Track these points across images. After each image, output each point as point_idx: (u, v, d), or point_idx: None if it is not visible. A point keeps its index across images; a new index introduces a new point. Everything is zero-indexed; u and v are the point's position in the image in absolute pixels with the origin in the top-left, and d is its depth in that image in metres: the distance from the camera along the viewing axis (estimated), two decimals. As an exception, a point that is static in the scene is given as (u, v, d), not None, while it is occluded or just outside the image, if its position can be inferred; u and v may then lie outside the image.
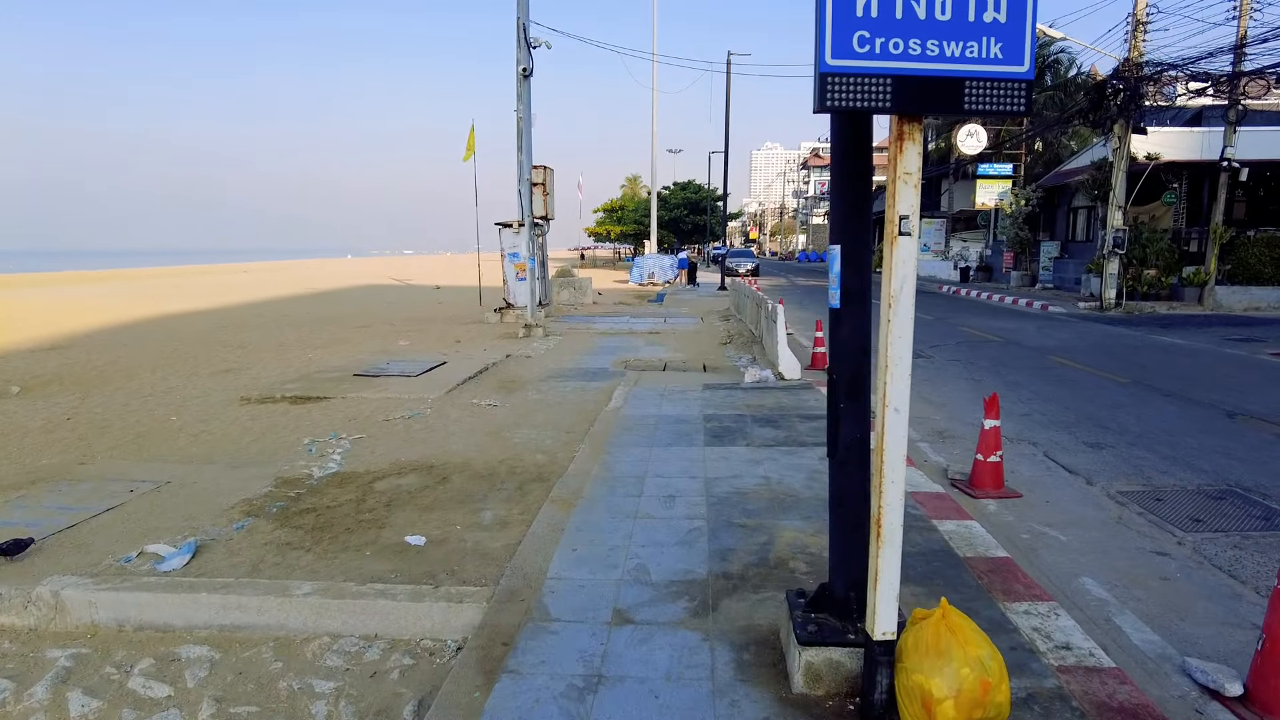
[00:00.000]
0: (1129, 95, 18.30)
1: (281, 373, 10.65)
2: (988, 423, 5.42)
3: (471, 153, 18.30)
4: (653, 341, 13.85)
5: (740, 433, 6.49)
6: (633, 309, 20.75)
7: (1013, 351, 12.50)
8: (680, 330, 15.54)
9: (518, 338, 14.26)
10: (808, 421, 6.89)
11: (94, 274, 48.11)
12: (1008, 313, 19.90)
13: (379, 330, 15.89)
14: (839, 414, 2.72)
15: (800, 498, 4.82)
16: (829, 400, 2.83)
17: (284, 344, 13.84)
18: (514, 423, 7.48)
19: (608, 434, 6.56)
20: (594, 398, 8.63)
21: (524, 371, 10.51)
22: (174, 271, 52.44)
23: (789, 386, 8.65)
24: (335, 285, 34.35)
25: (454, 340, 14.04)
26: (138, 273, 50.36)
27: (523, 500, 5.14)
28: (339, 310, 21.01)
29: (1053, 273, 25.77)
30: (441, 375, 9.90)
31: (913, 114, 2.22)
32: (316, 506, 5.15)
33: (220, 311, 20.55)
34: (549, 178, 14.01)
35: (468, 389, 9.21)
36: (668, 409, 7.52)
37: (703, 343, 13.68)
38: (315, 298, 26.37)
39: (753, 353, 12.03)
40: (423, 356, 11.55)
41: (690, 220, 60.85)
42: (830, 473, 2.87)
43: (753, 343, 13.08)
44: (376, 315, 19.48)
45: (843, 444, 2.73)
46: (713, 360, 11.53)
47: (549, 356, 11.99)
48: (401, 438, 6.96)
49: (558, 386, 9.39)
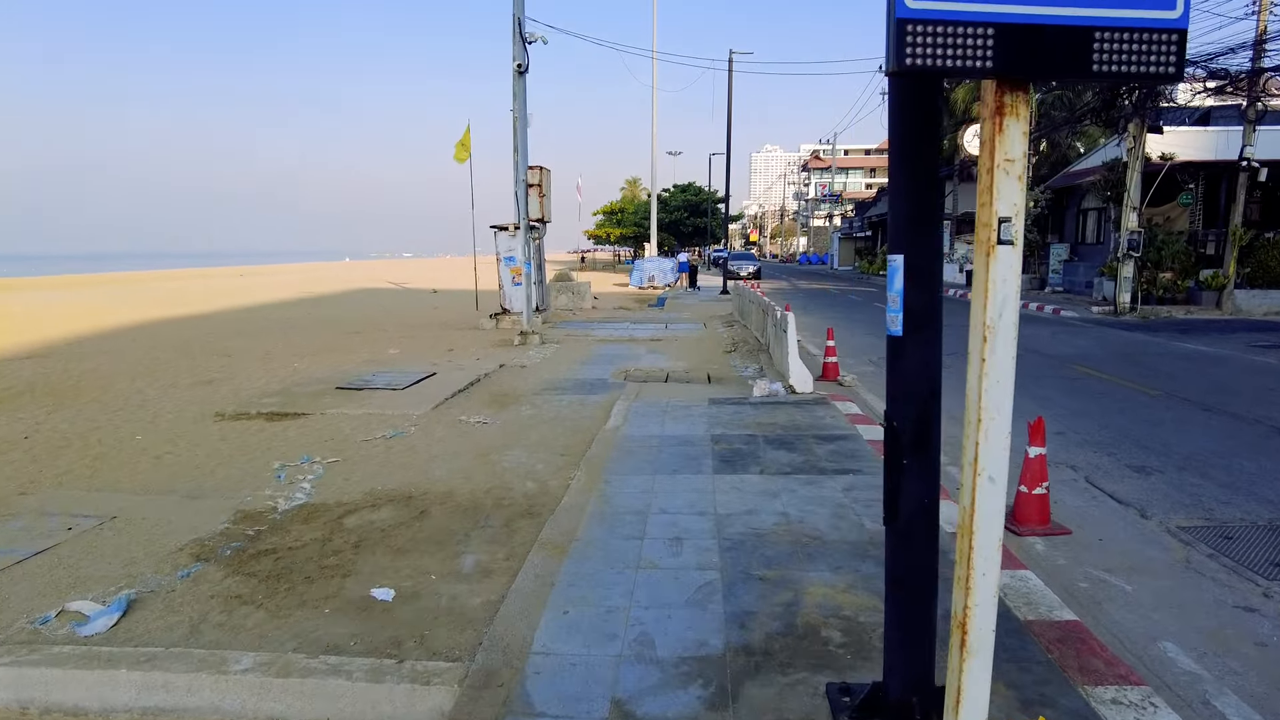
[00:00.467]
0: (1145, 93, 17.71)
1: (264, 384, 10.07)
2: (1033, 450, 4.83)
3: (467, 154, 17.72)
4: (654, 350, 13.25)
5: (752, 457, 5.89)
6: (633, 314, 20.16)
7: (1032, 361, 11.90)
8: (682, 337, 14.95)
9: (513, 345, 13.67)
10: (825, 443, 6.28)
11: (92, 278, 47.49)
12: (1020, 318, 19.29)
13: (370, 337, 15.30)
14: (901, 471, 2.13)
15: (825, 541, 4.22)
16: (886, 454, 2.23)
17: (270, 352, 13.24)
18: (504, 443, 6.87)
19: (606, 458, 5.96)
20: (592, 413, 8.03)
21: (518, 383, 9.91)
22: (172, 275, 51.84)
23: (801, 401, 8.05)
24: (331, 289, 33.77)
25: (446, 348, 13.44)
26: (135, 276, 49.79)
27: (509, 541, 4.54)
28: (332, 316, 20.43)
29: (1062, 276, 25.17)
30: (430, 388, 9.30)
31: (1019, 79, 1.62)
32: (276, 548, 4.55)
33: (212, 317, 19.96)
34: (545, 179, 13.43)
35: (457, 403, 8.61)
36: (671, 428, 6.92)
37: (706, 351, 13.09)
38: (310, 302, 25.80)
39: (759, 362, 11.43)
40: (412, 367, 10.95)
41: (690, 223, 60.29)
42: (887, 544, 2.27)
43: (759, 351, 12.48)
44: (370, 321, 18.90)
45: (905, 510, 2.13)
46: (718, 370, 10.94)
47: (545, 366, 11.39)
48: (380, 462, 6.35)
49: (553, 400, 8.79)
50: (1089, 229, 25.14)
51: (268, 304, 24.96)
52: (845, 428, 6.82)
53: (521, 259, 13.82)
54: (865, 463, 5.69)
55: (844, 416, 7.30)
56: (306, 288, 34.80)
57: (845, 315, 19.84)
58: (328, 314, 20.92)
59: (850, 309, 21.92)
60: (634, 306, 23.13)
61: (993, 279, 1.70)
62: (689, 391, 9.03)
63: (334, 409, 8.26)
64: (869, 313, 20.57)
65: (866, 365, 11.44)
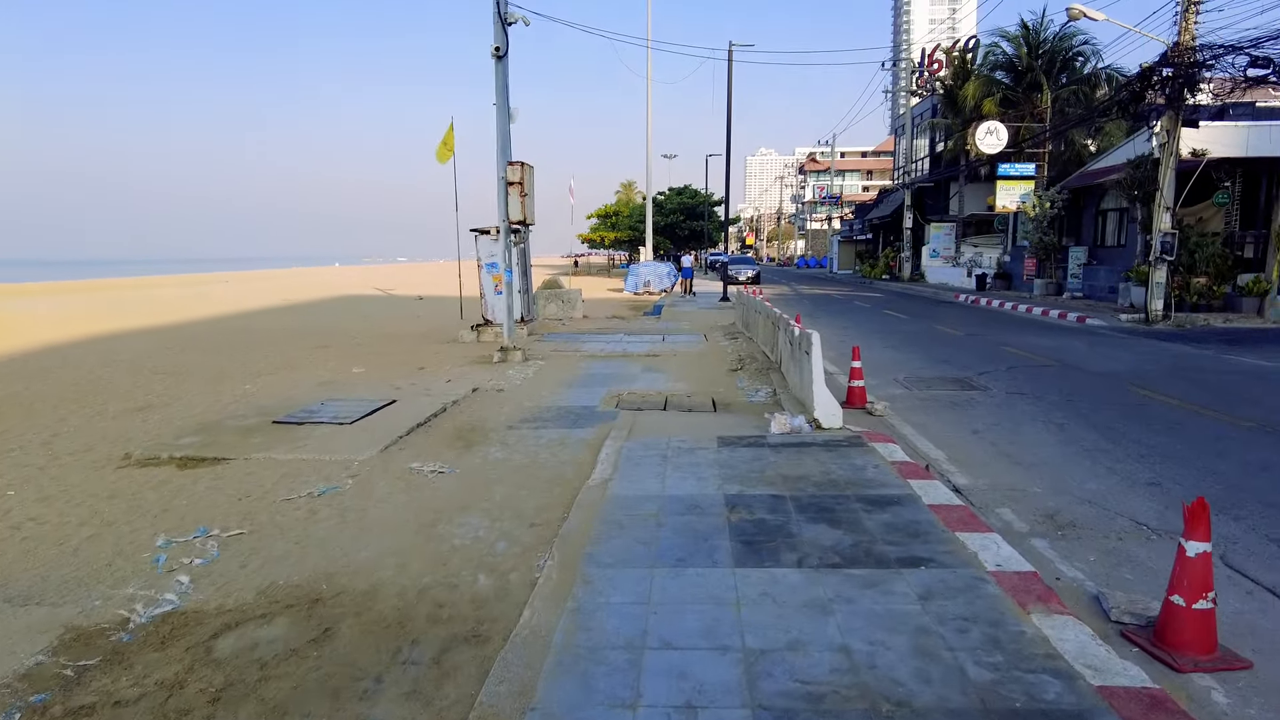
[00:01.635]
0: (1180, 83, 16.35)
1: (201, 412, 8.68)
2: (1192, 546, 3.38)
3: (450, 153, 16.31)
4: (650, 367, 11.80)
5: (784, 535, 4.43)
6: (627, 324, 18.71)
7: (1078, 380, 10.48)
8: (682, 352, 13.50)
9: (492, 363, 12.20)
10: (876, 510, 4.83)
11: (81, 284, 46.03)
12: (1044, 327, 17.90)
13: (337, 352, 13.84)
14: None
15: (916, 708, 2.76)
16: None
17: (224, 371, 11.79)
18: (460, 504, 5.41)
19: (587, 535, 4.50)
20: (575, 456, 6.57)
21: (490, 413, 8.45)
22: (159, 282, 50.26)
23: (832, 442, 6.60)
24: (314, 296, 32.29)
25: (418, 366, 11.98)
26: (123, 283, 48.38)
27: (437, 692, 3.07)
28: (306, 326, 18.95)
29: (1082, 281, 23.80)
30: (384, 422, 7.83)
31: None
32: (98, 703, 3.09)
33: (182, 328, 18.48)
34: (527, 176, 11.99)
35: (413, 443, 7.14)
36: (674, 483, 5.47)
37: (709, 368, 11.64)
38: (287, 311, 24.30)
39: (770, 383, 9.99)
40: (371, 392, 9.48)
41: (687, 226, 58.94)
42: None
43: (769, 370, 11.03)
44: (343, 332, 17.45)
45: None
46: (724, 394, 9.49)
47: (526, 389, 9.93)
48: (296, 535, 4.89)
49: (530, 437, 7.33)
50: (1109, 231, 23.78)
51: (245, 312, 23.49)
52: (895, 483, 5.38)
53: (503, 265, 12.37)
54: (936, 545, 4.24)
55: (889, 466, 5.85)
56: (288, 295, 33.31)
57: (855, 324, 18.43)
58: (302, 324, 19.44)
59: (859, 317, 20.51)
60: (628, 315, 21.69)
61: None
62: (692, 424, 7.58)
63: (263, 452, 6.79)
64: (881, 321, 19.16)
65: (894, 387, 10.01)
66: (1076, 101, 26.61)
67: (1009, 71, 28.98)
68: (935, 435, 7.43)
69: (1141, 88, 17.48)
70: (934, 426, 7.81)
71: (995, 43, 28.81)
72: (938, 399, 9.26)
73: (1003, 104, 27.86)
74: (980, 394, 9.50)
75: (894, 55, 52.08)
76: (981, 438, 7.34)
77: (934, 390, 9.82)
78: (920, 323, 18.74)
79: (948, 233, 39.13)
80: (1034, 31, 27.95)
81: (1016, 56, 28.40)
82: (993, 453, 6.82)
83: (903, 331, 16.64)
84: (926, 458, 6.59)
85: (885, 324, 18.42)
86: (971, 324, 18.38)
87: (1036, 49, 27.78)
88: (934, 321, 19.05)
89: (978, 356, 12.74)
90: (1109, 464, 6.42)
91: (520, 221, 11.86)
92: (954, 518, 4.70)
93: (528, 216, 11.90)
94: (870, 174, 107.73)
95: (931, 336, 15.73)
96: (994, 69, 29.40)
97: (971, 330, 16.80)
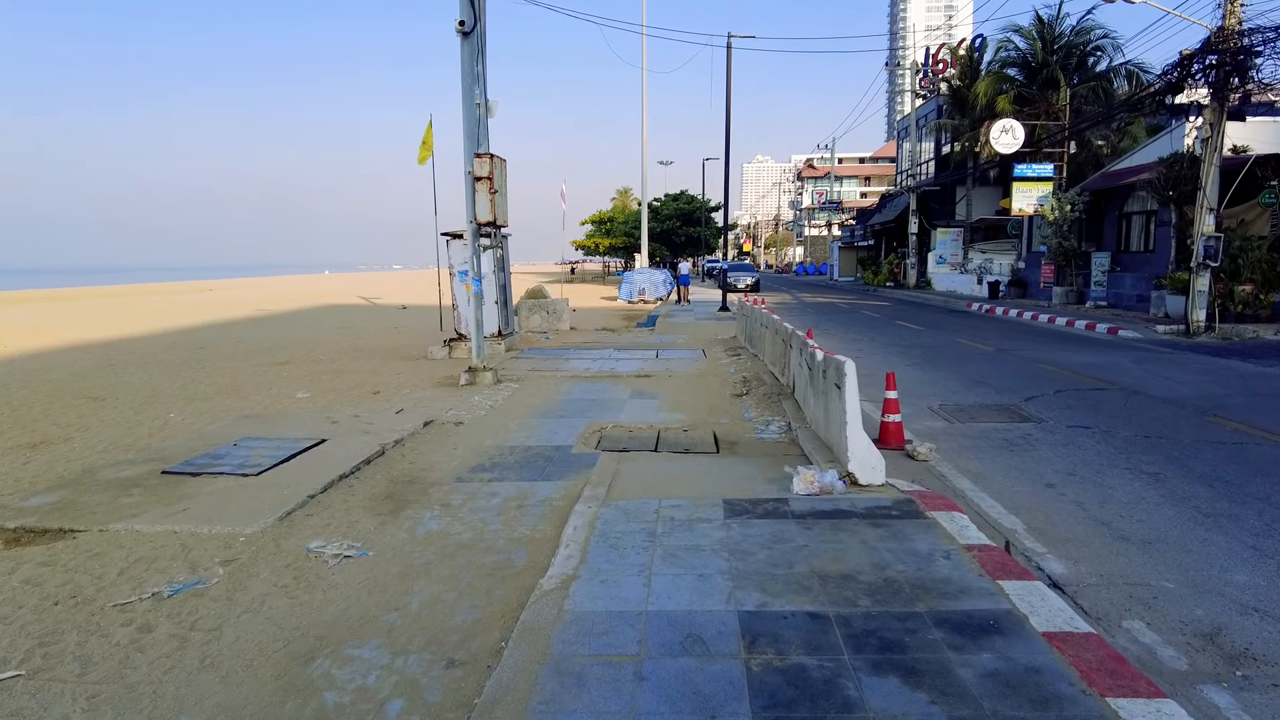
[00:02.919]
0: (1227, 71, 14.83)
1: (103, 450, 7.25)
2: None
3: (429, 153, 14.75)
4: (641, 391, 10.19)
5: (836, 705, 2.80)
6: (618, 337, 17.08)
7: (1145, 408, 8.89)
8: (678, 372, 11.88)
9: (458, 385, 10.58)
10: (969, 644, 3.20)
11: (64, 292, 44.44)
12: (1076, 340, 16.32)
13: (295, 370, 12.24)
14: None
15: None
16: None
17: (157, 394, 10.20)
18: (360, 617, 3.78)
19: (525, 704, 2.86)
20: (533, 530, 4.95)
21: (440, 457, 6.82)
22: (141, 290, 48.57)
23: (877, 509, 4.97)
24: (294, 306, 30.66)
25: (372, 390, 10.37)
26: (100, 291, 46.76)
27: None
28: (272, 339, 17.31)
29: (1106, 288, 22.24)
30: (297, 473, 6.19)
31: None
32: None
33: (133, 341, 16.83)
34: (499, 171, 10.39)
35: (327, 505, 5.51)
36: (664, 587, 3.85)
37: (709, 393, 10.03)
38: (259, 322, 22.65)
39: (782, 413, 8.37)
40: (293, 433, 7.83)
41: (683, 232, 57.46)
42: None
43: (780, 396, 9.41)
44: (310, 346, 15.84)
45: None
46: (728, 427, 7.87)
47: (490, 421, 8.31)
48: (96, 680, 3.25)
49: (480, 495, 5.70)
50: (1133, 235, 22.25)
51: (216, 323, 21.86)
52: (980, 586, 3.76)
53: (471, 272, 10.76)
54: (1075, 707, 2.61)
55: (963, 552, 4.22)
56: (269, 304, 31.70)
57: (868, 336, 16.82)
58: (270, 337, 17.80)
59: (870, 328, 18.91)
60: (620, 326, 20.08)
61: None
62: (690, 476, 5.96)
63: (126, 520, 5.16)
64: (896, 333, 17.56)
65: (930, 418, 8.40)
66: (1095, 99, 25.11)
67: (1022, 68, 27.51)
68: (1001, 491, 5.81)
69: (1180, 77, 15.95)
70: (995, 477, 6.19)
71: (1007, 38, 27.35)
72: (987, 435, 7.65)
73: (1016, 102, 26.37)
74: (1036, 428, 7.90)
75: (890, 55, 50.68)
76: (1061, 495, 5.73)
77: (980, 422, 8.21)
78: (939, 335, 17.15)
79: (955, 238, 37.63)
80: (1049, 25, 26.49)
81: (1030, 53, 26.92)
82: (1083, 519, 5.21)
83: (923, 345, 15.04)
84: (998, 527, 4.97)
85: (901, 337, 16.82)
86: (996, 336, 16.79)
87: (1051, 44, 26.30)
88: (953, 333, 17.46)
89: (1017, 377, 11.14)
90: (1249, 539, 4.82)
91: (491, 223, 10.26)
92: (1090, 658, 3.08)
93: (498, 216, 10.30)
94: (868, 180, 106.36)
95: (957, 352, 14.13)
96: (1005, 65, 27.91)
97: (1000, 344, 15.20)
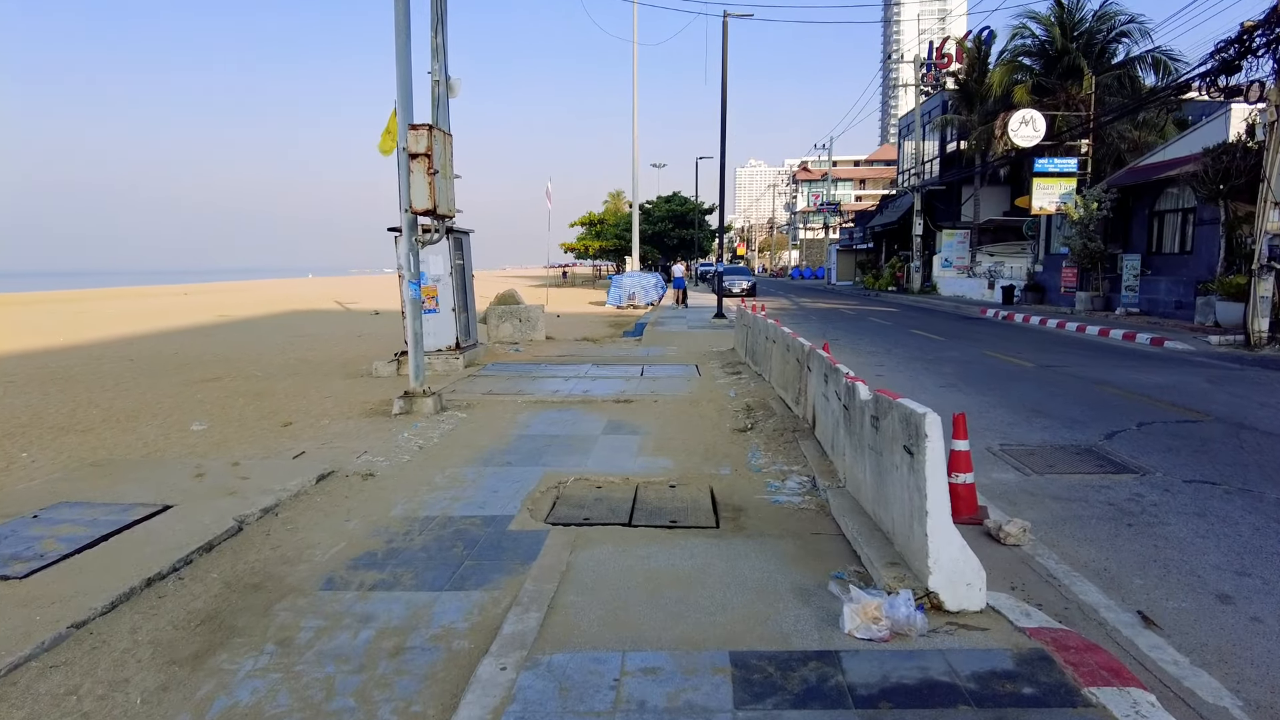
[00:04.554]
0: (1299, 44, 12.89)
1: None
2: None
3: (394, 143, 12.71)
4: (617, 423, 8.11)
5: None
6: (599, 348, 15.00)
7: (1271, 450, 6.86)
8: (666, 395, 9.81)
9: (391, 414, 8.51)
10: None
11: (33, 296, 42.10)
12: (1119, 353, 14.33)
13: (214, 390, 10.22)
14: None
15: None
16: None
17: (34, 421, 8.24)
18: None
19: None
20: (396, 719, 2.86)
21: (318, 536, 4.72)
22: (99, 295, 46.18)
23: (993, 677, 2.91)
24: (260, 311, 28.53)
25: (285, 420, 8.31)
26: (66, 295, 44.44)
27: None
28: (214, 350, 15.21)
29: (1139, 294, 20.28)
30: (93, 570, 4.08)
31: None
32: None
33: (63, 351, 14.75)
34: (441, 146, 8.32)
35: (98, 644, 3.40)
36: None
37: (704, 426, 7.96)
38: (213, 330, 20.48)
39: (802, 461, 6.31)
40: (134, 495, 5.72)
41: (676, 234, 55.50)
42: None
43: (795, 433, 7.32)
44: (254, 357, 13.83)
45: None
46: (730, 481, 5.80)
47: (410, 473, 6.21)
48: None
49: (347, 620, 3.61)
50: (1167, 235, 20.32)
51: (166, 331, 19.76)
52: None
53: (407, 274, 8.67)
54: None
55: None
56: (234, 309, 29.58)
57: (883, 347, 14.79)
58: (211, 348, 15.67)
59: (883, 338, 16.88)
60: (604, 335, 18.00)
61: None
62: (679, 579, 3.89)
63: None
64: (915, 344, 15.53)
65: (995, 466, 6.34)
66: (1121, 89, 23.21)
67: (1039, 57, 25.60)
68: (1161, 612, 3.75)
69: (1239, 54, 14.01)
70: (1131, 579, 4.14)
71: (1023, 24, 25.44)
72: (1083, 496, 5.60)
73: (1034, 92, 24.45)
74: (1142, 483, 5.85)
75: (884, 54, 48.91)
76: (1259, 624, 3.67)
77: (1062, 472, 6.17)
78: (964, 346, 15.12)
79: (961, 240, 35.75)
80: (1068, 11, 24.59)
81: (1049, 40, 25.03)
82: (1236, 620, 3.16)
83: (950, 360, 13.01)
84: (1182, 697, 2.92)
85: (922, 349, 14.79)
86: (1029, 349, 14.78)
87: (1071, 30, 24.41)
88: (979, 344, 15.45)
89: (1079, 404, 9.11)
90: None
91: (431, 211, 8.19)
92: None
93: (440, 203, 8.23)
94: (863, 183, 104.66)
95: (992, 369, 12.10)
96: (1020, 54, 26.01)
97: (1038, 359, 13.19)
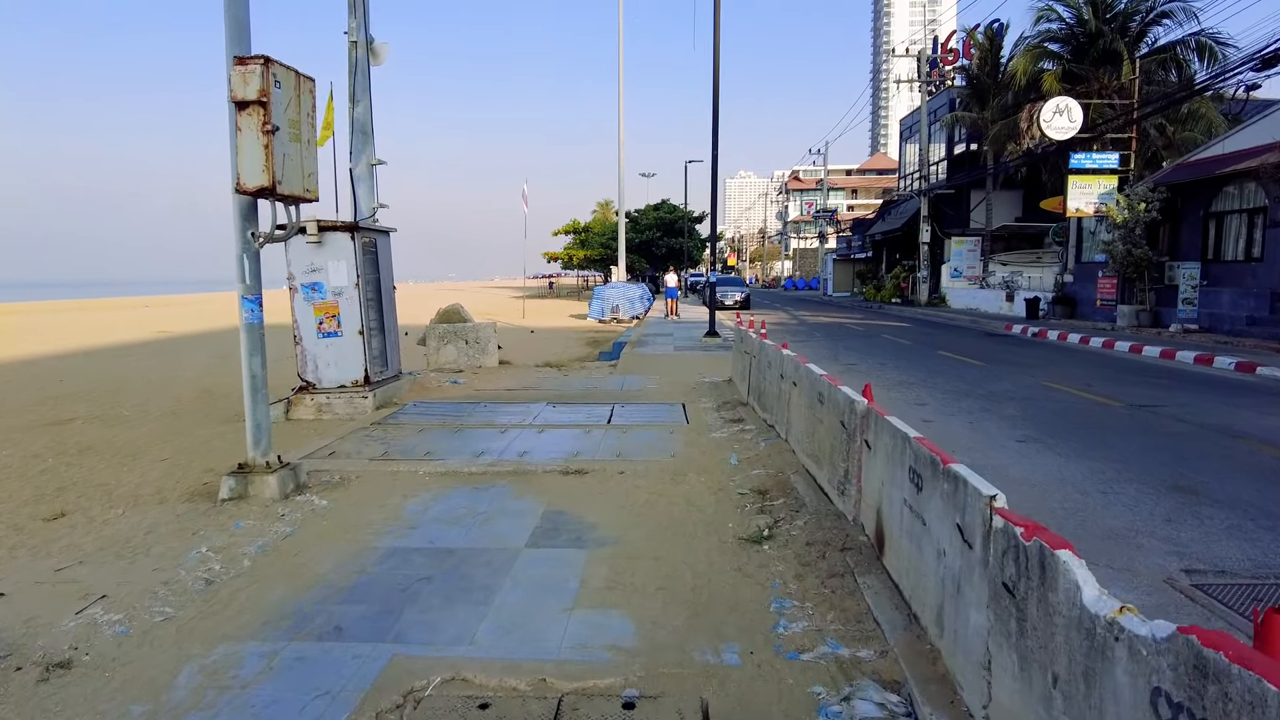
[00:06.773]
0: None
1: None
2: None
3: (329, 133, 9.97)
4: (556, 521, 5.19)
5: None
6: (563, 377, 12.05)
7: None
8: (637, 461, 6.89)
9: (216, 501, 5.57)
10: None
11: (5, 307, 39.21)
12: (1204, 381, 11.53)
13: (50, 437, 7.59)
14: None
15: None
16: None
17: None
18: None
19: None
20: None
21: None
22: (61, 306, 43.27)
23: None
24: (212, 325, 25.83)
25: (59, 509, 5.37)
26: (36, 307, 41.69)
27: None
28: (103, 377, 12.60)
29: (1198, 308, 17.56)
30: None
31: None
32: None
33: None
34: (292, 93, 5.41)
35: None
36: None
37: (692, 526, 5.04)
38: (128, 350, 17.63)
39: (873, 623, 3.43)
40: None
41: (665, 243, 52.74)
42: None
43: (844, 549, 4.41)
44: (140, 387, 11.39)
45: None
46: (741, 682, 2.88)
47: (136, 661, 3.26)
48: None
49: None
50: (1228, 241, 17.65)
51: (67, 352, 17.26)
52: None
53: (240, 286, 5.73)
54: None
55: None
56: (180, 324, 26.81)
57: (917, 378, 11.93)
58: (101, 374, 12.93)
59: (907, 361, 14.03)
60: (574, 357, 15.08)
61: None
62: None
63: None
64: (951, 372, 12.67)
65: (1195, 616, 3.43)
66: (1164, 76, 20.62)
67: (1067, 42, 23.02)
68: None
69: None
70: None
71: (1049, 7, 22.83)
72: None
73: (1064, 80, 21.84)
74: None
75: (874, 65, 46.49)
76: None
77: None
78: (1013, 375, 12.27)
79: (972, 248, 33.12)
80: (1100, -9, 22.04)
81: (1077, 23, 22.44)
82: None
83: (1007, 396, 10.15)
84: None
85: (963, 377, 11.93)
86: (1095, 378, 11.95)
87: (1104, 11, 21.82)
88: (1029, 371, 12.63)
89: (1236, 474, 6.27)
90: None
91: (268, 190, 5.26)
92: None
93: (282, 180, 5.32)
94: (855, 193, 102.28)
95: (1074, 412, 9.21)
96: (1046, 39, 23.41)
97: (1123, 395, 10.33)
